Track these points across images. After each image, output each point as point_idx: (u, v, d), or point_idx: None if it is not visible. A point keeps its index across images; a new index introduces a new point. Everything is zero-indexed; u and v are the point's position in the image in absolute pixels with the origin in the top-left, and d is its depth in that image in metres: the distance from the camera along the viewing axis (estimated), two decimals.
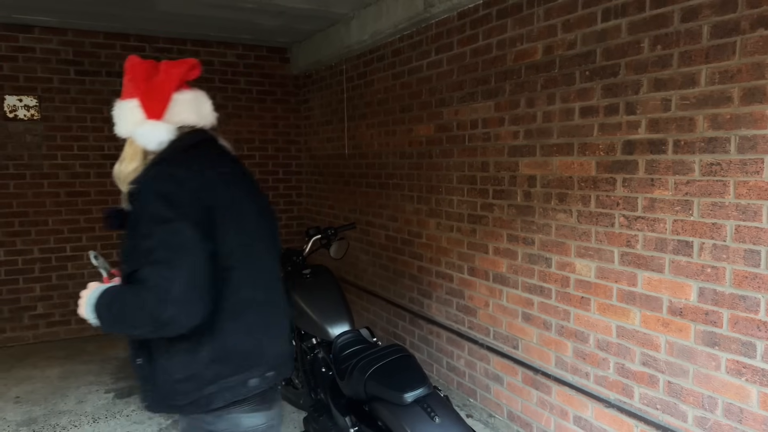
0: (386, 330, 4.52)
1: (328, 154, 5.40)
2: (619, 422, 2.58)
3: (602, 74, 2.56)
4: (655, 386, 2.42)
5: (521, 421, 3.17)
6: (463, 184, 3.53)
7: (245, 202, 1.59)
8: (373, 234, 4.65)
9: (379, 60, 4.37)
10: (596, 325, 2.67)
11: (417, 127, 3.96)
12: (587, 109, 2.65)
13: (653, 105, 2.35)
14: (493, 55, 3.19)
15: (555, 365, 2.92)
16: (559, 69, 2.78)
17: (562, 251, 2.83)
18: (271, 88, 5.73)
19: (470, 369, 3.57)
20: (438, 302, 3.86)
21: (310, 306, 2.83)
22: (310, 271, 3.04)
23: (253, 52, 5.63)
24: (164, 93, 1.57)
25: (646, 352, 2.44)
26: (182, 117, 1.59)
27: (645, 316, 2.44)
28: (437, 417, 1.96)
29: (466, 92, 3.43)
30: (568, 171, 2.77)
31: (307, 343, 2.95)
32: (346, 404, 2.40)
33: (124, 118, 1.58)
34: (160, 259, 1.36)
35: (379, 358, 2.28)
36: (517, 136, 3.07)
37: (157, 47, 5.19)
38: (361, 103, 4.71)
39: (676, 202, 2.29)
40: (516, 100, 3.06)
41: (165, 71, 1.58)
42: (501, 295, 3.27)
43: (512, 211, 3.14)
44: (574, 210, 2.75)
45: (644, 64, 2.38)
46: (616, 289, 2.57)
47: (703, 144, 2.18)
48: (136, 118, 1.55)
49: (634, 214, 2.46)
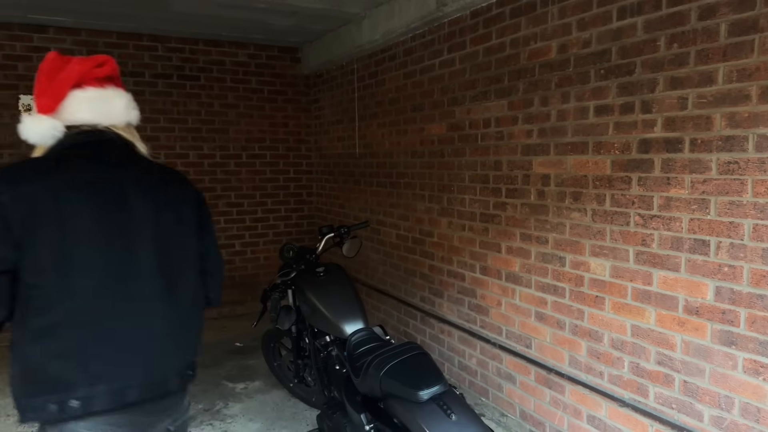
0: (397, 329, 4.53)
1: (338, 153, 5.42)
2: (633, 422, 2.57)
3: (618, 72, 2.56)
4: (670, 385, 2.41)
5: (534, 420, 3.16)
6: (475, 183, 3.53)
7: (88, 214, 1.45)
8: (384, 233, 4.65)
9: (391, 59, 4.38)
10: (611, 324, 2.67)
11: (429, 126, 3.96)
12: (602, 108, 2.64)
13: (669, 103, 2.34)
14: (507, 53, 3.19)
15: (569, 364, 2.92)
16: (573, 67, 2.78)
17: (576, 250, 2.83)
18: (282, 87, 5.75)
19: (482, 368, 3.57)
20: (450, 301, 3.86)
21: (323, 304, 2.84)
22: (323, 269, 3.05)
23: (265, 51, 5.65)
24: (59, 89, 1.53)
25: (662, 351, 2.44)
26: (77, 115, 1.53)
27: (660, 315, 2.43)
28: (453, 415, 1.96)
29: (479, 91, 3.44)
30: (582, 170, 2.77)
31: (320, 341, 2.96)
32: (361, 402, 2.41)
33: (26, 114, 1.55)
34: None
35: (395, 355, 2.28)
36: (530, 135, 3.07)
37: (169, 47, 5.22)
38: (372, 103, 4.71)
39: (692, 200, 2.28)
40: (530, 98, 3.06)
41: (68, 68, 1.54)
42: (514, 294, 3.27)
43: (525, 210, 3.14)
44: (588, 209, 2.75)
45: (660, 62, 2.37)
46: (631, 288, 2.56)
47: (721, 142, 2.17)
48: (32, 113, 1.53)
49: (649, 213, 2.45)
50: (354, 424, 2.49)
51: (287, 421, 3.45)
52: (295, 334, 3.33)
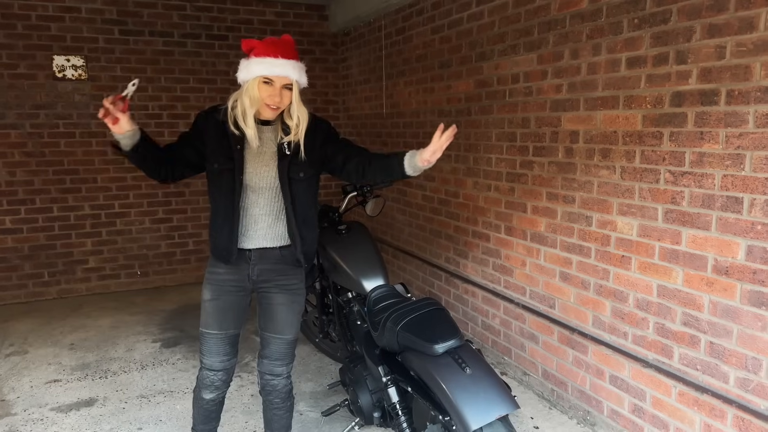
0: (422, 289, 4.55)
1: (365, 114, 5.36)
2: (656, 382, 2.54)
3: (652, 21, 2.42)
4: (696, 347, 2.35)
5: (556, 380, 3.15)
6: (502, 142, 3.45)
7: None
8: (410, 194, 4.63)
9: (419, 14, 4.26)
10: (636, 284, 2.61)
11: (456, 84, 3.87)
12: (635, 60, 2.52)
13: (706, 53, 2.22)
14: (537, 4, 3.06)
15: (592, 325, 2.88)
16: (605, 17, 2.65)
17: (604, 209, 2.75)
18: (310, 47, 5.69)
19: (505, 328, 3.56)
20: (474, 262, 3.83)
21: (345, 261, 2.85)
22: (345, 227, 3.06)
23: (292, 9, 5.59)
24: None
25: (688, 312, 2.37)
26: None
27: (688, 275, 2.36)
28: (468, 368, 1.97)
29: (508, 45, 3.32)
30: (612, 125, 2.67)
31: (342, 297, 3.00)
32: (380, 355, 2.44)
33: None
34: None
35: (412, 310, 2.29)
36: (560, 90, 2.97)
37: (198, 6, 5.21)
38: (399, 60, 4.63)
39: (726, 156, 2.17)
40: (560, 51, 2.94)
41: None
42: (538, 254, 3.22)
43: (553, 169, 3.06)
44: (617, 166, 2.66)
45: (698, 8, 2.23)
46: (658, 247, 2.48)
47: (759, 93, 2.05)
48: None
49: (680, 170, 2.36)
50: (373, 377, 2.53)
51: (312, 374, 3.53)
52: (319, 291, 3.38)
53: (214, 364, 2.25)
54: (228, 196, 2.12)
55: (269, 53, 2.01)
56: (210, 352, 2.24)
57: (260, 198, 2.14)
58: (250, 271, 2.21)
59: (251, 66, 2.03)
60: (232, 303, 2.23)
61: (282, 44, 2.06)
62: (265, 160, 2.13)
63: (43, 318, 4.60)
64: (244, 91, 2.05)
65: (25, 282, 5.02)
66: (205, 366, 2.27)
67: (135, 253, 5.37)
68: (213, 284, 2.22)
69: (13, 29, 4.70)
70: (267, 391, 2.33)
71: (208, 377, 2.27)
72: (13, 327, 4.41)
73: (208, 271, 2.24)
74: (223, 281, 2.21)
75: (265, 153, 2.13)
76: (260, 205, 2.14)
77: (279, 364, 2.28)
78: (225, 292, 2.21)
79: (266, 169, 2.13)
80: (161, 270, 5.50)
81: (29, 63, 4.78)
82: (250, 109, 2.04)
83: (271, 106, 2.06)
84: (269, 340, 2.27)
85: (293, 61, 2.05)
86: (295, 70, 2.06)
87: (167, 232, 5.46)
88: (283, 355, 2.28)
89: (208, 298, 2.22)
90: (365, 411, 2.60)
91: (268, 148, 2.14)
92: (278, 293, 2.24)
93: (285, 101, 2.08)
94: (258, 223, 2.16)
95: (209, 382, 2.27)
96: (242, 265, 2.20)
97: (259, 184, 2.13)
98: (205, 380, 2.28)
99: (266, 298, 2.26)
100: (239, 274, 2.21)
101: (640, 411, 2.64)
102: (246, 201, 2.14)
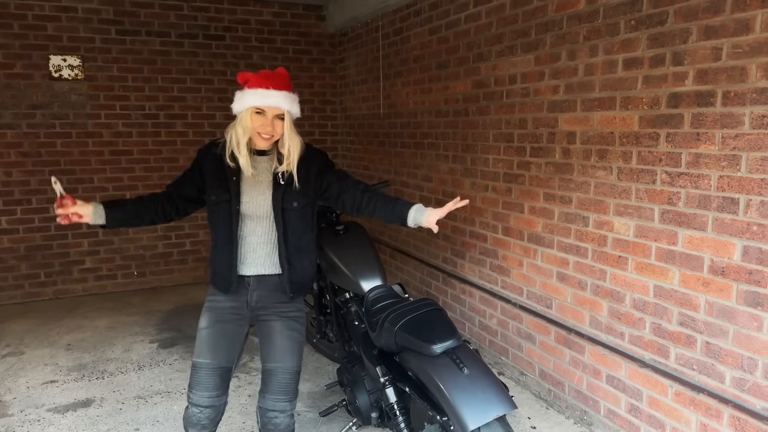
0: (419, 290, 4.55)
1: (363, 114, 5.37)
2: (653, 382, 2.55)
3: (648, 23, 2.43)
4: (692, 347, 2.36)
5: (553, 380, 3.16)
6: (499, 142, 3.46)
7: None
8: (407, 194, 4.63)
9: (416, 15, 4.27)
10: (633, 284, 2.62)
11: (453, 84, 3.88)
12: (631, 61, 2.53)
13: (702, 54, 2.23)
14: (534, 6, 3.07)
15: (589, 325, 2.89)
16: (602, 19, 2.66)
17: (601, 209, 2.76)
18: (307, 47, 5.69)
19: (502, 328, 3.57)
20: (471, 262, 3.84)
21: (342, 261, 2.86)
22: (343, 227, 3.06)
23: (290, 10, 5.58)
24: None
25: (685, 312, 2.38)
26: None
27: (684, 275, 2.37)
28: (466, 368, 1.97)
29: (505, 45, 3.33)
30: (609, 126, 2.68)
31: (340, 298, 3.00)
32: (378, 355, 2.44)
33: None
34: None
35: (410, 311, 2.29)
36: (557, 91, 2.97)
37: (195, 6, 5.20)
38: (396, 61, 4.63)
39: (722, 157, 2.18)
40: (557, 52, 2.95)
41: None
42: (536, 254, 3.23)
43: (550, 169, 3.07)
44: (614, 167, 2.67)
45: (695, 10, 2.24)
46: (655, 247, 2.50)
47: (755, 95, 2.06)
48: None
49: (677, 171, 2.37)
50: (371, 377, 2.54)
51: (310, 374, 3.53)
52: (317, 291, 3.38)
53: (202, 400, 2.16)
54: (226, 225, 2.16)
55: (262, 85, 2.06)
56: (198, 386, 2.16)
57: (258, 226, 2.16)
58: (249, 297, 2.21)
59: (245, 97, 2.09)
60: (228, 331, 2.20)
61: (275, 77, 2.12)
62: (262, 189, 2.16)
63: (40, 319, 4.59)
64: (238, 122, 2.11)
65: (22, 282, 5.01)
66: (192, 402, 2.18)
67: (132, 253, 5.36)
68: (211, 311, 2.21)
69: (9, 29, 4.69)
70: (268, 430, 2.21)
71: (194, 415, 2.18)
72: (10, 328, 4.40)
73: (207, 299, 2.24)
74: (222, 308, 2.21)
75: (261, 182, 2.17)
76: (258, 233, 2.17)
77: (281, 399, 2.20)
78: (222, 319, 2.20)
79: (262, 198, 2.15)
80: (158, 270, 5.49)
81: (25, 63, 4.76)
82: (243, 137, 2.10)
83: (263, 135, 2.09)
84: (270, 372, 2.21)
85: (285, 92, 2.10)
86: (287, 101, 2.10)
87: (164, 232, 5.46)
88: (285, 390, 2.20)
89: (204, 326, 2.20)
90: (363, 411, 2.60)
91: (264, 177, 2.17)
92: (277, 320, 2.22)
93: (278, 131, 2.11)
94: (256, 251, 2.17)
95: (195, 420, 2.18)
96: (241, 291, 2.20)
97: (257, 212, 2.15)
98: (192, 418, 2.19)
99: (265, 327, 2.23)
100: (238, 300, 2.22)
101: (636, 411, 2.65)
102: (244, 229, 2.16)
